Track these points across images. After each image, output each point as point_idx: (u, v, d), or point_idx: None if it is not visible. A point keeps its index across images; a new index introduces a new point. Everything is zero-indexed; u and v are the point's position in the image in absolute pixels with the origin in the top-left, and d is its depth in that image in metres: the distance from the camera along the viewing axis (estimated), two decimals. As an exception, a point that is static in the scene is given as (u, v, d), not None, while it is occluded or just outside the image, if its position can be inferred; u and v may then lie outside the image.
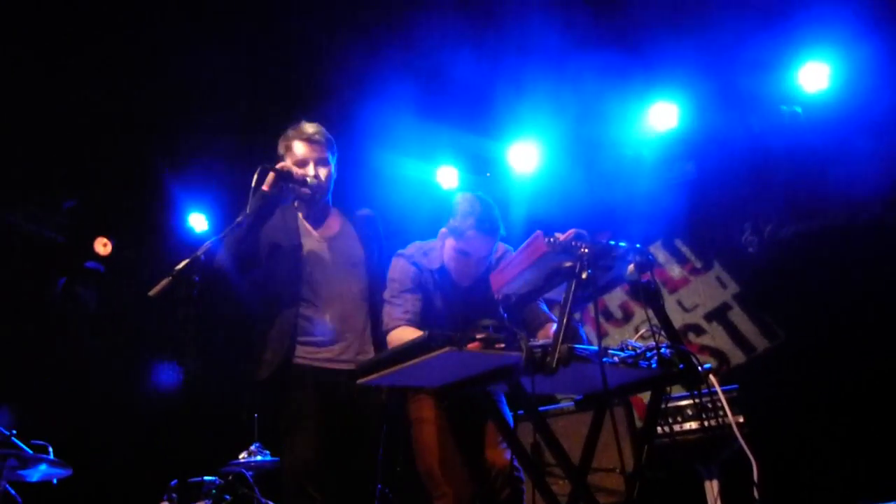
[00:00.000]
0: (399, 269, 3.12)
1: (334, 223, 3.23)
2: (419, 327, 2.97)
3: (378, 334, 3.08)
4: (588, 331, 6.14)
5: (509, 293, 2.58)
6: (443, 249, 3.13)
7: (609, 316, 5.84)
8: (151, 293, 2.47)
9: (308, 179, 3.07)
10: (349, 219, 3.27)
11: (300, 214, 3.18)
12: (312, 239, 3.13)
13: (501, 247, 3.20)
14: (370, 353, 3.04)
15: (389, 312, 3.04)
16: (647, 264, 2.42)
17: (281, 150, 3.15)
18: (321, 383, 2.94)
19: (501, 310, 2.51)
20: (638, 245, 2.41)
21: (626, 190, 5.78)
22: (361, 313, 3.10)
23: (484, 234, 2.99)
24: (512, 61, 5.02)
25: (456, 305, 3.11)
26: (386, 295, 3.09)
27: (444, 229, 3.09)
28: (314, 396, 2.92)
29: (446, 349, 2.12)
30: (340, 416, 2.97)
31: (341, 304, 3.06)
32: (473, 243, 3.01)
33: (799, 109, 5.22)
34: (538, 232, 2.41)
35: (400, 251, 3.18)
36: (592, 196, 5.87)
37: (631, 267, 2.43)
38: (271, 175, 2.96)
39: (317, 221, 3.19)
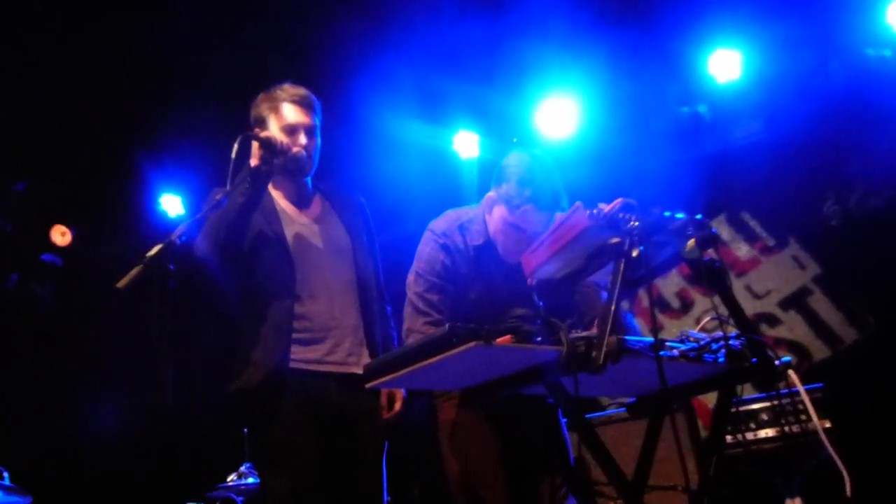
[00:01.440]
0: (426, 256, 3.12)
1: (315, 203, 3.26)
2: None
3: (371, 337, 3.12)
4: (640, 324, 6.18)
5: (544, 277, 2.57)
6: (487, 220, 3.12)
7: (664, 306, 5.83)
8: (119, 285, 2.47)
9: (294, 151, 3.08)
10: (329, 200, 3.30)
11: (278, 194, 3.21)
12: (297, 223, 3.17)
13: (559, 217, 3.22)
14: (363, 358, 3.07)
15: (412, 315, 3.06)
16: (709, 239, 2.39)
17: (264, 112, 3.16)
18: (310, 393, 2.98)
19: (535, 297, 2.48)
20: (699, 216, 2.39)
21: (681, 155, 5.75)
22: (352, 310, 3.13)
23: (542, 210, 2.98)
24: (541, 3, 5.03)
25: (498, 287, 3.11)
26: (409, 284, 3.11)
27: (491, 193, 3.09)
28: (306, 417, 2.95)
29: (471, 344, 2.09)
30: (332, 436, 3.00)
31: (329, 297, 3.10)
32: (530, 219, 3.00)
33: (888, 53, 5.15)
34: (578, 203, 2.39)
35: (431, 225, 3.18)
36: (640, 163, 5.87)
37: (690, 243, 2.41)
38: (256, 146, 2.96)
39: (300, 202, 3.22)
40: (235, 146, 2.80)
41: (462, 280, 3.10)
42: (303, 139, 3.11)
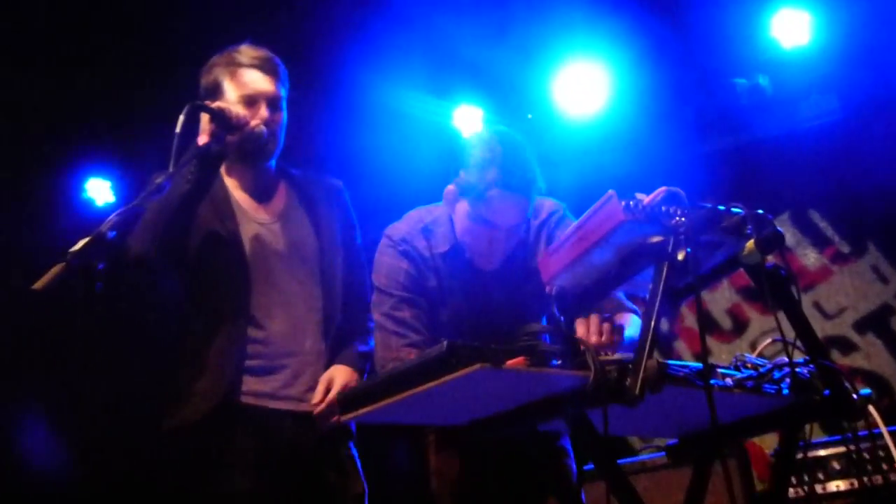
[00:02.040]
0: (385, 267, 3.15)
1: (279, 195, 3.28)
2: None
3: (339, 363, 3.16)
4: (682, 348, 6.16)
5: (567, 285, 2.58)
6: (453, 219, 3.15)
7: (713, 327, 5.81)
8: (36, 286, 2.47)
9: (255, 127, 3.08)
10: (296, 189, 3.32)
11: (233, 182, 3.22)
12: (254, 221, 3.19)
13: (547, 205, 3.23)
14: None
15: (384, 341, 3.08)
16: (774, 240, 2.36)
17: (218, 79, 3.17)
18: (263, 434, 3.00)
19: (556, 310, 2.49)
20: (760, 212, 2.38)
21: (735, 138, 5.76)
22: (315, 332, 3.17)
23: (513, 193, 2.98)
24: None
25: (477, 302, 3.14)
26: (373, 306, 3.14)
27: (451, 187, 3.10)
28: (258, 463, 2.97)
29: (476, 367, 2.09)
30: (289, 488, 3.02)
31: (289, 317, 3.14)
32: (499, 207, 2.99)
33: None
34: (610, 192, 2.38)
35: (388, 230, 3.21)
36: (683, 147, 5.90)
37: (749, 244, 2.38)
38: (206, 119, 2.96)
39: (260, 194, 3.24)
40: (181, 118, 2.80)
41: (431, 296, 3.13)
42: (264, 112, 3.12)
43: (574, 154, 6.18)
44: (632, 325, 2.90)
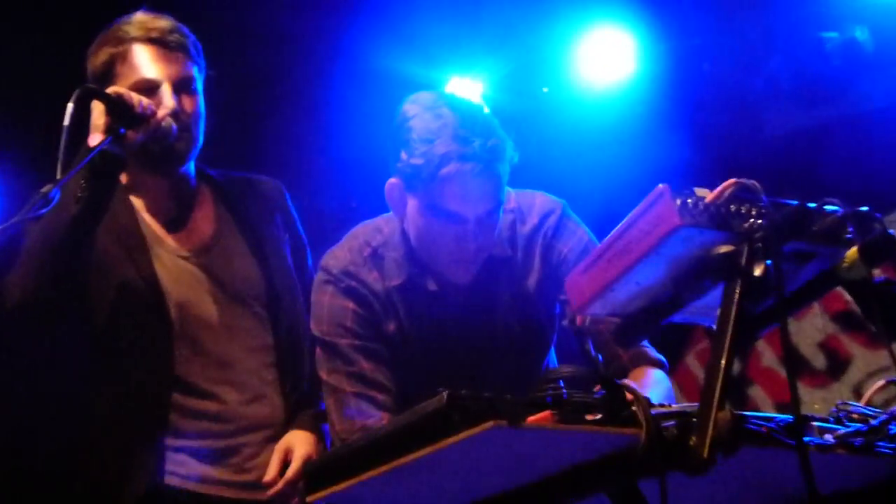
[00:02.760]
0: (326, 311, 3.17)
1: (204, 214, 3.30)
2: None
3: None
4: (759, 396, 6.12)
5: (602, 313, 2.57)
6: (406, 231, 3.15)
7: (802, 366, 5.83)
8: None
9: (161, 120, 3.07)
10: (224, 200, 3.33)
11: (140, 203, 3.24)
12: (172, 254, 3.21)
13: (538, 204, 3.27)
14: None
15: (340, 409, 3.11)
16: (883, 246, 2.35)
17: (107, 62, 3.19)
18: None
19: (590, 347, 2.48)
20: (864, 209, 2.39)
21: (823, 112, 5.75)
22: (273, 393, 3.23)
23: (477, 164, 2.97)
24: None
25: (457, 344, 3.16)
26: (320, 373, 3.16)
27: (392, 180, 3.10)
28: None
29: (487, 426, 2.06)
30: None
31: (230, 378, 3.19)
32: (459, 189, 2.99)
33: None
34: (661, 187, 2.35)
35: (325, 261, 3.22)
36: (750, 126, 5.98)
37: (851, 253, 2.38)
38: (100, 110, 2.94)
39: (179, 215, 3.26)
40: (69, 107, 2.79)
41: (392, 344, 3.16)
42: (169, 99, 3.11)
43: (601, 136, 6.25)
44: (656, 384, 2.92)
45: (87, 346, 3.10)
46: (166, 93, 3.11)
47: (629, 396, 2.20)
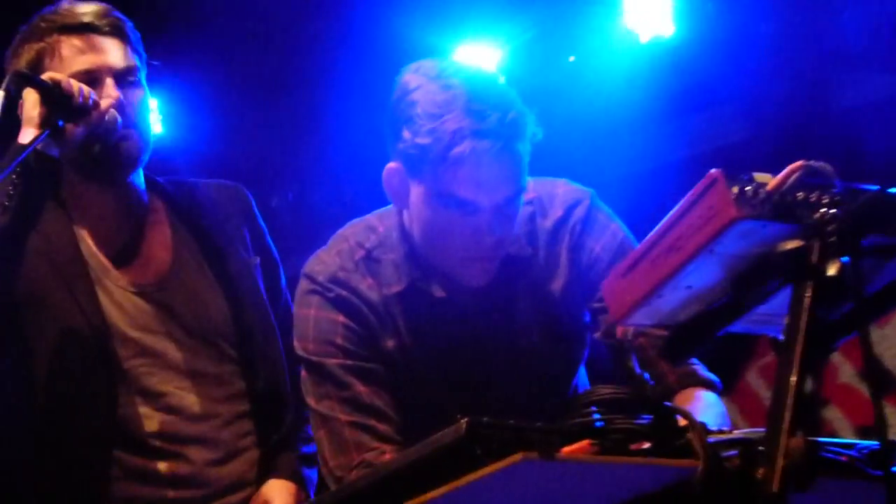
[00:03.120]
0: (312, 327, 3.14)
1: (159, 237, 3.27)
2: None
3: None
4: (836, 418, 6.10)
5: (648, 323, 2.53)
6: (406, 228, 3.12)
7: (886, 381, 5.86)
8: None
9: (105, 111, 3.04)
10: (178, 216, 3.31)
11: (80, 220, 3.20)
12: (125, 289, 3.18)
13: (561, 194, 3.22)
14: None
15: (335, 441, 3.07)
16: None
17: (37, 53, 3.17)
18: None
19: (634, 363, 2.50)
20: None
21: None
22: (241, 446, 3.23)
23: (497, 142, 2.92)
24: None
25: (472, 362, 3.13)
26: (308, 400, 3.14)
27: (392, 165, 3.06)
28: None
29: (517, 459, 2.03)
30: None
31: (192, 434, 3.18)
32: (474, 171, 2.94)
33: None
34: (715, 172, 2.31)
35: (308, 268, 3.19)
36: (819, 95, 5.91)
37: (944, 249, 2.36)
38: (33, 99, 2.92)
39: (128, 237, 3.23)
40: (0, 95, 2.83)
41: (392, 363, 3.12)
42: (113, 90, 3.08)
43: (636, 113, 6.24)
44: (708, 408, 2.90)
45: (15, 396, 3.08)
46: (108, 84, 3.08)
47: (682, 422, 2.19)
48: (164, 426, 3.11)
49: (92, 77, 3.07)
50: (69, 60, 3.09)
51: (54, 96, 2.92)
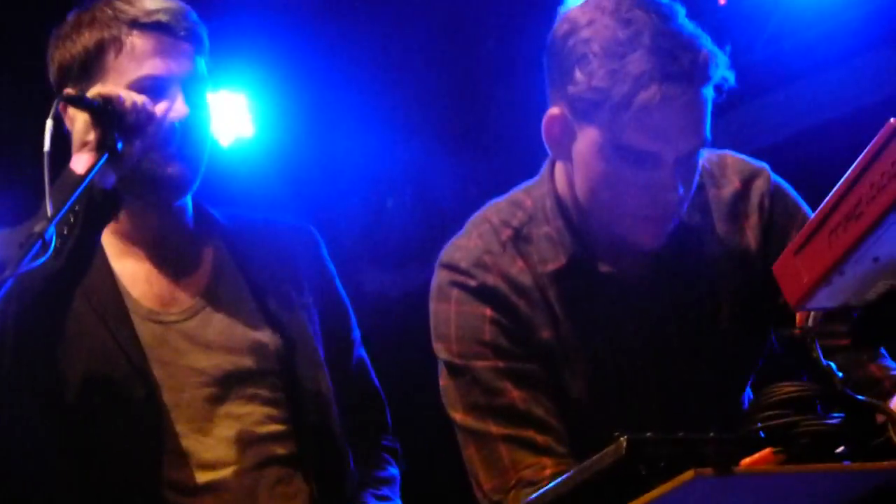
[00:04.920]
0: (454, 325, 2.96)
1: (202, 266, 3.18)
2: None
3: None
4: None
5: (830, 305, 2.33)
6: (559, 197, 2.93)
7: None
8: None
9: (161, 127, 2.89)
10: (230, 249, 3.21)
11: (114, 247, 3.09)
12: (161, 321, 3.08)
13: (731, 168, 3.04)
14: None
15: (486, 457, 2.90)
16: None
17: (98, 48, 3.00)
18: None
19: (819, 353, 2.33)
20: None
21: None
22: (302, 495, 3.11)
23: (690, 89, 2.74)
24: None
25: (635, 345, 2.94)
26: (452, 413, 2.98)
27: (554, 111, 2.84)
28: None
29: (688, 477, 1.92)
30: None
31: (241, 478, 3.06)
32: (660, 119, 2.75)
33: None
34: (894, 121, 2.12)
35: (446, 258, 3.01)
36: None
37: None
38: (83, 121, 2.79)
39: (166, 268, 3.12)
40: (48, 126, 2.64)
41: (549, 357, 2.93)
42: (181, 104, 2.94)
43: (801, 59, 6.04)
44: None
45: (54, 442, 2.98)
46: (177, 96, 2.95)
47: (880, 418, 2.13)
48: (202, 466, 3.02)
49: (158, 84, 2.94)
50: (137, 61, 2.96)
51: (107, 115, 2.80)
